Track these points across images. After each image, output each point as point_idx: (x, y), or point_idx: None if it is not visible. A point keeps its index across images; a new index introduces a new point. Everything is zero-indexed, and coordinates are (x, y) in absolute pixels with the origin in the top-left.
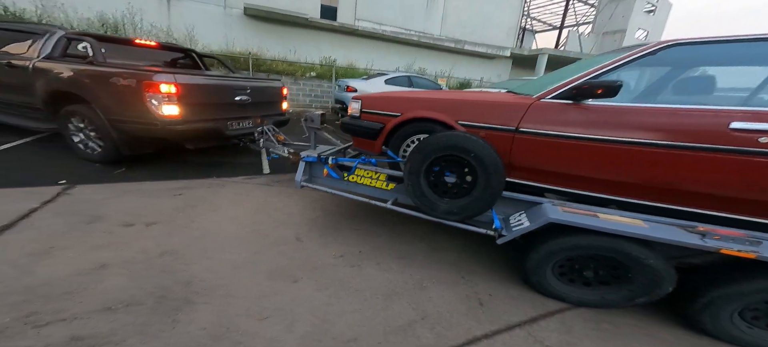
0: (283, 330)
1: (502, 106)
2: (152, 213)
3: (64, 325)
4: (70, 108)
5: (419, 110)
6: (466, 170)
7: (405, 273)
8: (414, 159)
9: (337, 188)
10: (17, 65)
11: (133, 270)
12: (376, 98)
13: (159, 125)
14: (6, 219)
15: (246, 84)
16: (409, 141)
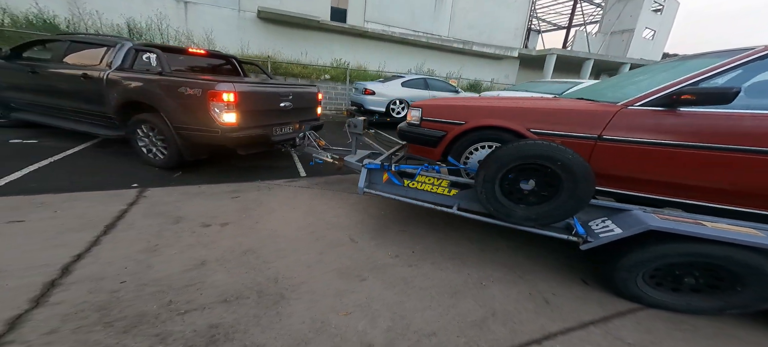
0: (368, 324)
1: (581, 113)
2: (221, 215)
3: (199, 314)
4: (140, 116)
5: (486, 119)
6: (547, 179)
7: (462, 273)
8: (490, 167)
9: (398, 194)
10: (92, 76)
11: (227, 267)
12: (438, 106)
13: (219, 132)
14: (107, 219)
15: (289, 90)
16: (472, 148)
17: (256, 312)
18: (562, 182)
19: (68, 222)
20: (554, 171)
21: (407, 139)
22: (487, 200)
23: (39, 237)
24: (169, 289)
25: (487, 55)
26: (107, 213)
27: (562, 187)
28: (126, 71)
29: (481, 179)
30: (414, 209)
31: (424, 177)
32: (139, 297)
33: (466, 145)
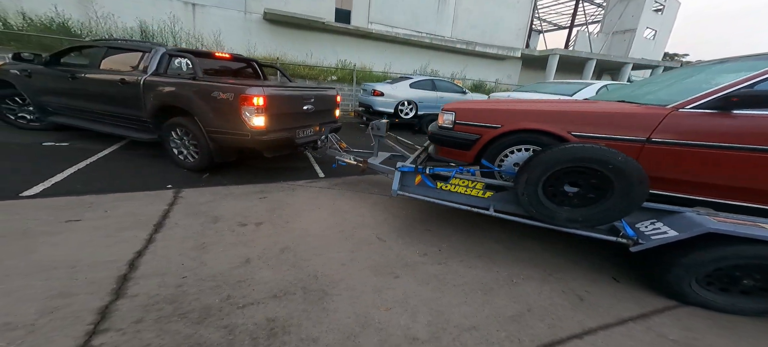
0: (409, 319)
1: (627, 116)
2: (254, 215)
3: (255, 308)
4: (174, 120)
5: (524, 122)
6: (595, 181)
7: (492, 271)
8: (534, 170)
9: (431, 196)
10: (129, 81)
11: (269, 265)
12: (473, 109)
13: (250, 135)
14: (154, 218)
15: (311, 93)
16: (507, 151)
17: (304, 307)
18: (613, 185)
19: (121, 221)
20: (604, 174)
21: (438, 142)
22: (529, 202)
23: (99, 234)
24: (225, 284)
25: (490, 55)
26: (153, 213)
27: (613, 190)
28: (161, 76)
29: (523, 182)
30: (435, 209)
31: (458, 180)
32: (202, 292)
33: (502, 148)
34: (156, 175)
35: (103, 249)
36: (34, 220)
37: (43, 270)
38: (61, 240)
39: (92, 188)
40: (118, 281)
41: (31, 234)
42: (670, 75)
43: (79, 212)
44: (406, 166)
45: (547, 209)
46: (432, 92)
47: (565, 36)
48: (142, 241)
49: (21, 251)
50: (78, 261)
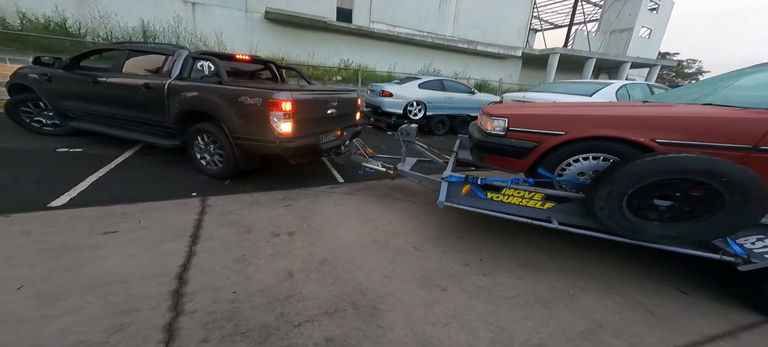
0: (469, 335)
1: (727, 121)
2: (283, 224)
3: (311, 326)
4: (199, 126)
5: (597, 129)
6: (698, 195)
7: (542, 282)
8: (619, 182)
9: (481, 207)
10: (153, 86)
11: (313, 278)
12: (530, 115)
13: (277, 142)
14: (187, 229)
15: (335, 96)
16: (571, 160)
17: (358, 325)
18: (722, 199)
19: (156, 232)
20: (713, 187)
21: (485, 150)
22: (609, 216)
23: (139, 247)
24: (275, 300)
25: (491, 54)
26: (185, 223)
27: (723, 204)
28: (185, 80)
29: (604, 195)
30: (466, 216)
31: (512, 190)
32: (255, 308)
33: (564, 156)
34: (177, 182)
35: (149, 263)
36: (71, 232)
37: (97, 286)
38: (105, 254)
39: (118, 197)
40: (172, 296)
41: (73, 248)
42: (754, 70)
43: (113, 223)
44: (455, 176)
45: (631, 224)
46: (441, 93)
47: (560, 35)
48: (183, 254)
49: (69, 265)
50: (127, 275)
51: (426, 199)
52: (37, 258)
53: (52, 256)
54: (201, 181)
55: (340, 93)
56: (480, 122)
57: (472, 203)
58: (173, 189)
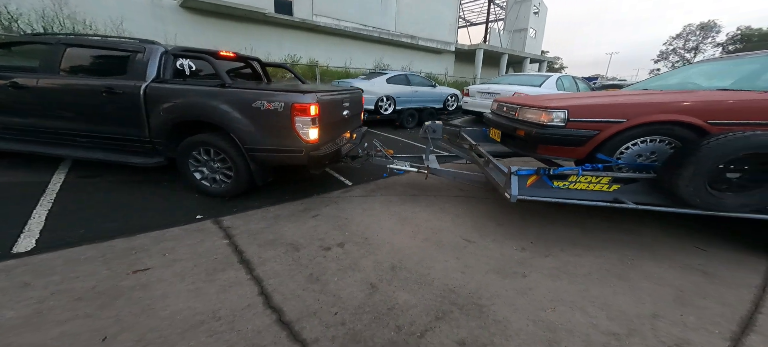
0: (584, 315)
1: (760, 102)
2: (326, 236)
3: (434, 334)
4: (195, 138)
5: (656, 115)
6: (762, 167)
7: (599, 256)
8: (704, 162)
9: (552, 196)
10: (120, 91)
11: (397, 286)
12: (590, 106)
13: (303, 151)
14: (229, 255)
15: (347, 96)
16: (630, 144)
17: (476, 323)
18: None
19: (199, 263)
20: None
21: (541, 140)
22: (695, 193)
23: (194, 280)
24: (381, 315)
25: (431, 49)
26: (219, 249)
27: None
28: (169, 83)
29: (690, 173)
30: (493, 204)
31: (581, 177)
32: (368, 327)
33: (623, 141)
34: (165, 206)
35: (222, 295)
36: (91, 277)
37: (193, 327)
38: (162, 292)
39: (102, 231)
40: (282, 327)
41: (117, 292)
42: (756, 58)
43: (131, 260)
44: (524, 170)
45: (713, 198)
46: (407, 87)
47: (479, 32)
48: (249, 282)
49: (137, 309)
50: (214, 311)
51: (446, 192)
52: (86, 307)
53: (104, 302)
54: (192, 201)
55: (349, 92)
56: (523, 115)
57: (541, 193)
58: (168, 214)
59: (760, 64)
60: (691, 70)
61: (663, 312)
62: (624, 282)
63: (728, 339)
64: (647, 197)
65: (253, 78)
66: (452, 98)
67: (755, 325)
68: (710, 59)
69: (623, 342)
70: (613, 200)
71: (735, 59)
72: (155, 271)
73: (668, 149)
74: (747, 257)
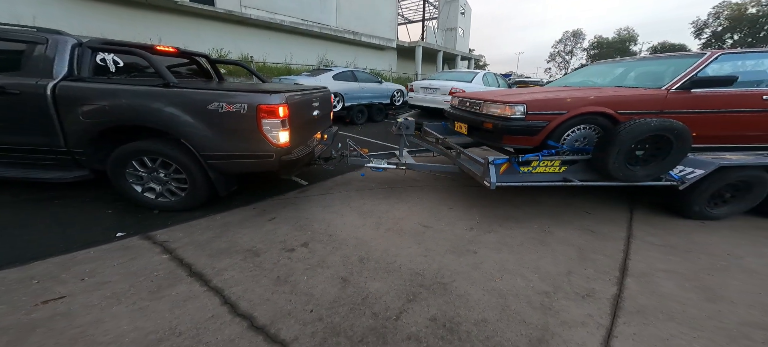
0: (523, 280)
1: (647, 97)
2: (287, 237)
3: (409, 315)
4: (133, 146)
5: (587, 107)
6: (659, 144)
7: (526, 228)
8: (623, 143)
9: (521, 181)
10: (17, 91)
11: (368, 277)
12: (542, 100)
13: (274, 156)
14: (176, 270)
15: (315, 96)
16: (570, 132)
17: (443, 299)
18: (672, 145)
19: (136, 283)
20: (667, 138)
21: (506, 131)
22: (618, 169)
23: (135, 301)
24: (356, 305)
25: (373, 45)
26: (159, 265)
27: (673, 149)
28: (90, 82)
29: (615, 153)
30: (445, 190)
31: (543, 162)
32: (347, 318)
33: (565, 129)
34: (72, 225)
35: (177, 310)
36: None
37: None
38: (97, 318)
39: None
40: (256, 332)
41: (31, 325)
42: (632, 63)
43: (34, 291)
44: (499, 158)
45: (630, 171)
46: (355, 83)
47: (413, 29)
48: (207, 294)
49: (62, 338)
50: (172, 328)
51: (401, 183)
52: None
53: (16, 337)
54: (105, 217)
55: (316, 91)
56: (488, 109)
57: (511, 178)
58: (75, 236)
59: (665, 66)
60: (587, 70)
61: (573, 268)
62: (545, 246)
63: (616, 283)
64: (585, 174)
65: (200, 76)
66: (398, 94)
67: (628, 269)
68: (597, 63)
69: (553, 298)
70: (562, 179)
71: (613, 63)
72: (75, 297)
73: (594, 134)
74: (616, 214)
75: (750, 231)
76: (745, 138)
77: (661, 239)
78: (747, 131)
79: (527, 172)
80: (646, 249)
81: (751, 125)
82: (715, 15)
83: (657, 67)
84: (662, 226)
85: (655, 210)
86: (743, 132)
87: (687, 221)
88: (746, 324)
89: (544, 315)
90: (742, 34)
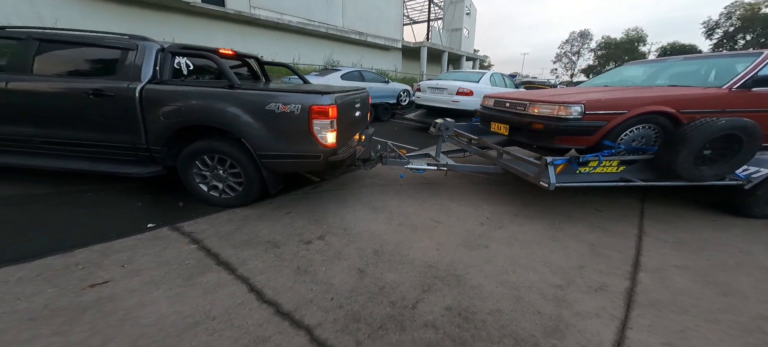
0: (535, 274)
1: (709, 96)
2: (305, 231)
3: (425, 304)
4: (200, 145)
5: (647, 107)
6: (729, 144)
7: (536, 224)
8: (694, 143)
9: (578, 181)
10: (109, 93)
11: (383, 269)
12: (601, 100)
13: (322, 156)
14: (205, 260)
15: (357, 97)
16: (628, 131)
17: (458, 290)
18: (743, 144)
19: (170, 271)
20: (738, 137)
21: (560, 132)
22: (686, 169)
23: (170, 287)
24: (374, 295)
25: (379, 46)
26: (189, 254)
27: (743, 148)
28: (169, 85)
29: (684, 152)
30: (453, 186)
31: (603, 161)
32: (365, 306)
33: (623, 129)
34: (100, 217)
35: (209, 296)
36: (40, 294)
37: (187, 328)
38: (139, 301)
39: (26, 250)
40: (283, 317)
41: (78, 306)
42: (663, 65)
43: (80, 276)
44: (559, 159)
45: (698, 171)
46: (361, 83)
47: (418, 30)
48: (233, 282)
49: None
50: (206, 312)
51: (410, 181)
52: (48, 325)
53: (69, 318)
54: (134, 210)
55: (358, 92)
56: (536, 110)
57: (569, 179)
58: (108, 227)
59: (704, 67)
60: (624, 71)
61: (585, 263)
62: (556, 242)
63: (628, 278)
64: (643, 174)
65: (251, 78)
66: (405, 93)
67: (640, 265)
68: (631, 63)
69: (566, 290)
70: (620, 179)
71: (649, 63)
72: (118, 283)
73: (653, 134)
74: (626, 211)
75: (763, 230)
76: None
77: (673, 236)
78: None
79: (586, 172)
80: (658, 246)
81: None
82: (727, 15)
83: (698, 67)
84: (673, 223)
85: (665, 208)
86: None
87: (698, 219)
88: (761, 317)
89: (557, 307)
90: (755, 34)
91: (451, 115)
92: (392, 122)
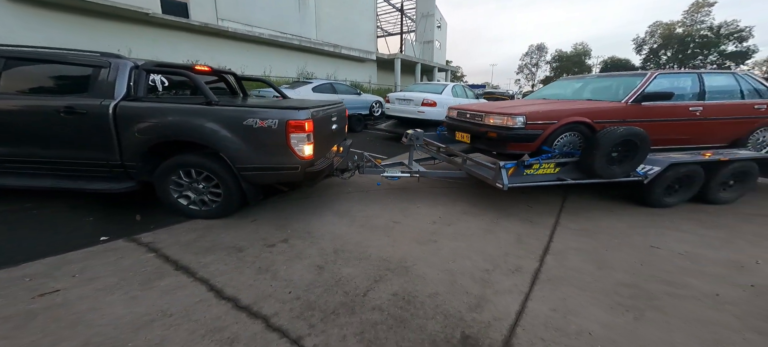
0: (470, 261)
1: (611, 109)
2: (269, 235)
3: (375, 292)
4: (177, 160)
5: (573, 117)
6: (629, 147)
7: (479, 219)
8: (605, 146)
9: (524, 181)
10: (82, 111)
11: (341, 264)
12: (538, 112)
13: (299, 168)
14: (164, 266)
15: (334, 110)
16: (560, 137)
17: (404, 279)
18: (638, 148)
19: (127, 277)
20: (634, 142)
21: (510, 139)
22: (601, 168)
23: (128, 291)
24: (330, 286)
25: (354, 58)
26: (147, 262)
27: (638, 150)
28: (144, 101)
29: (598, 154)
30: (410, 190)
31: (544, 164)
32: (321, 296)
33: (556, 136)
34: (49, 232)
35: (167, 297)
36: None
37: (143, 325)
38: (92, 306)
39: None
40: (237, 310)
41: (31, 313)
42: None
43: (28, 287)
44: (509, 163)
45: (610, 170)
46: (334, 95)
47: (392, 42)
48: (194, 284)
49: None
50: (163, 311)
51: (366, 186)
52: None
53: (18, 324)
54: (84, 224)
55: (335, 107)
56: (491, 120)
57: (520, 179)
58: (58, 241)
59: (615, 83)
60: (557, 84)
61: (510, 250)
62: (492, 234)
63: (538, 260)
64: (573, 173)
65: (229, 93)
66: (377, 105)
67: (549, 249)
68: (563, 79)
69: (492, 273)
70: (557, 179)
71: (575, 79)
72: (70, 291)
73: (577, 140)
74: (551, 206)
75: (646, 218)
76: (680, 141)
77: (578, 225)
78: (681, 135)
79: (531, 174)
80: (565, 233)
81: (683, 131)
82: (650, 33)
83: (612, 83)
84: (582, 215)
85: (580, 202)
86: (679, 136)
87: (600, 211)
88: (619, 284)
89: (482, 287)
90: (674, 51)
91: (418, 124)
92: (365, 132)
